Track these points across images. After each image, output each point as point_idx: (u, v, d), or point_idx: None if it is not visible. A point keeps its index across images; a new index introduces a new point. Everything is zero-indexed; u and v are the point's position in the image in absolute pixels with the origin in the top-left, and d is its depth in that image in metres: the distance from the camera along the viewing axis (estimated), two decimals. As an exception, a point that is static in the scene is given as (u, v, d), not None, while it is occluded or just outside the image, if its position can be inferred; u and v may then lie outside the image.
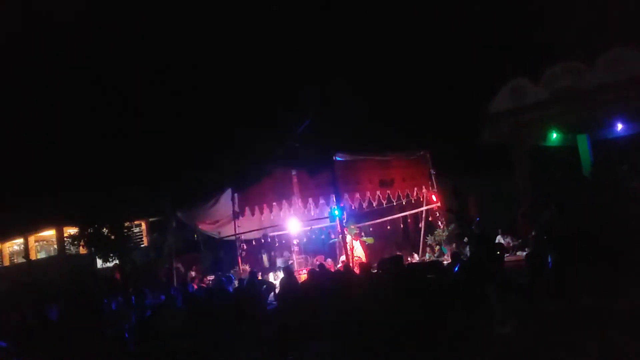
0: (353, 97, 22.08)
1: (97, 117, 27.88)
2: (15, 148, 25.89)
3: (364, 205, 18.03)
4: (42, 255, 28.09)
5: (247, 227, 19.00)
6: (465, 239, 17.06)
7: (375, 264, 13.82)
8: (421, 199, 19.19)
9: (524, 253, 13.76)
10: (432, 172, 19.02)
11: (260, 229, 19.37)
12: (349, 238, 16.93)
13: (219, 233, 20.49)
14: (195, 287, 17.31)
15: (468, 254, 14.20)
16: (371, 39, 24.95)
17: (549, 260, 10.61)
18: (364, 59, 24.66)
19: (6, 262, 29.29)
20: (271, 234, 19.90)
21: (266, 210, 17.99)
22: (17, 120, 26.05)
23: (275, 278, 17.86)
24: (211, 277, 18.68)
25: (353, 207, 17.84)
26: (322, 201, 17.74)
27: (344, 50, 24.65)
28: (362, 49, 24.77)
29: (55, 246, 26.74)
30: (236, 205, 18.33)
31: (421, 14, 24.12)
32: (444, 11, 23.14)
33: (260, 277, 16.34)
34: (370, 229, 19.34)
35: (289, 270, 14.31)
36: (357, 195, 17.44)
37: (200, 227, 20.74)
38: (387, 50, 24.80)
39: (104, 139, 27.16)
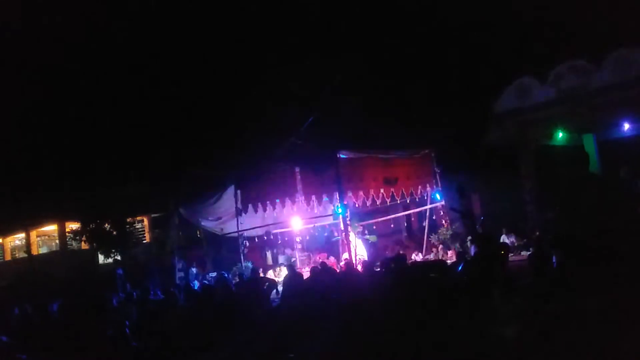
0: (358, 94, 22.07)
1: (100, 113, 27.95)
2: (17, 143, 25.96)
3: (368, 203, 18.03)
4: (43, 250, 28.15)
5: (250, 224, 19.05)
6: (469, 238, 17.10)
7: (378, 263, 13.87)
8: (425, 198, 19.22)
9: (529, 253, 13.76)
10: (437, 170, 19.05)
11: (263, 226, 19.41)
12: (352, 236, 16.96)
13: (222, 230, 20.54)
14: (198, 284, 17.40)
15: (472, 253, 14.22)
16: (377, 36, 24.94)
17: (553, 260, 10.63)
18: (370, 56, 24.64)
19: (8, 257, 29.39)
20: (274, 231, 19.93)
21: (269, 207, 18.03)
22: (19, 116, 26.13)
23: (276, 275, 17.90)
24: (213, 274, 18.74)
25: (357, 205, 17.85)
26: (325, 199, 17.78)
27: (349, 46, 24.65)
28: (368, 46, 24.76)
29: (57, 241, 26.80)
30: (239, 202, 18.37)
31: (428, 12, 24.08)
32: (451, 9, 23.11)
33: (262, 275, 16.42)
34: (374, 227, 19.36)
35: (292, 268, 14.36)
36: (361, 192, 17.46)
37: (202, 223, 20.80)
38: (393, 48, 24.79)
39: (107, 134, 27.18)
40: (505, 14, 20.74)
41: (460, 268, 11.10)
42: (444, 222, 18.90)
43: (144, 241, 26.62)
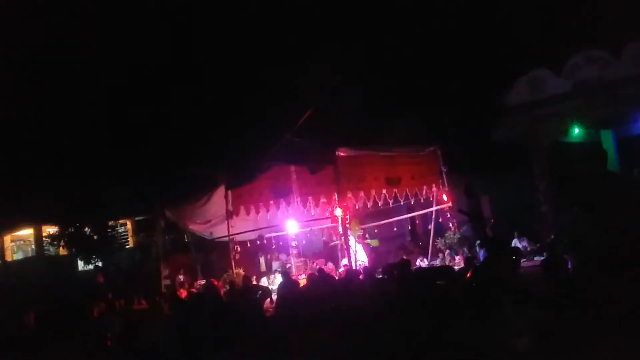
0: (358, 88, 22.04)
1: (81, 110, 27.85)
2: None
3: (369, 204, 18.02)
4: (18, 256, 28.09)
5: (242, 227, 19.03)
6: (478, 243, 17.09)
7: (380, 269, 13.84)
8: (431, 199, 19.20)
9: (542, 258, 13.74)
10: (443, 169, 19.04)
11: (256, 229, 19.38)
12: (352, 240, 16.94)
13: (211, 234, 20.52)
14: (185, 292, 17.36)
15: (481, 259, 14.20)
16: (380, 29, 24.93)
17: (569, 265, 10.60)
18: (372, 49, 24.64)
19: (-20, 264, 29.32)
20: (267, 235, 19.90)
21: (262, 210, 18.02)
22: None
23: (270, 282, 17.88)
24: (202, 282, 18.70)
25: (357, 207, 17.84)
26: (323, 200, 17.76)
27: (351, 39, 24.63)
28: (370, 39, 24.74)
29: (33, 246, 26.75)
30: (230, 204, 18.36)
31: (434, 3, 24.08)
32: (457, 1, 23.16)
33: (255, 282, 16.39)
34: (375, 231, 19.35)
35: (287, 275, 14.34)
36: (362, 194, 17.45)
37: (190, 227, 20.78)
38: (397, 40, 24.78)
39: (86, 131, 27.09)
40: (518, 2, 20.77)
41: (468, 275, 11.07)
42: (450, 225, 18.88)
43: (127, 246, 26.60)
